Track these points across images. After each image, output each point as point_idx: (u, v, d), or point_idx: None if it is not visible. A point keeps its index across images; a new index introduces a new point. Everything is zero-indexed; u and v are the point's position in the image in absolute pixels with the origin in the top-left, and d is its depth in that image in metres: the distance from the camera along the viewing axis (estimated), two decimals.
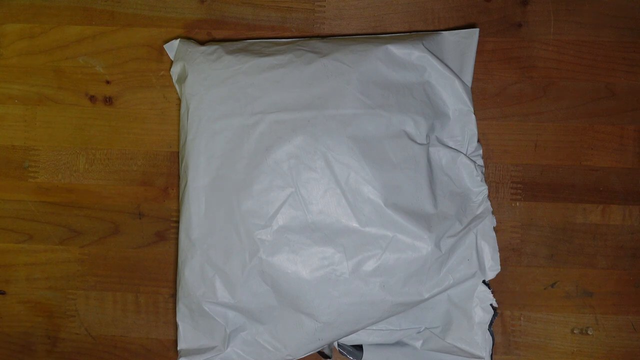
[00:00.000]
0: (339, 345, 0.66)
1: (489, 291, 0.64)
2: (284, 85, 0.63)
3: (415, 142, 0.63)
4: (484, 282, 0.64)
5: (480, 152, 0.67)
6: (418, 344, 0.66)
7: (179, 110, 0.68)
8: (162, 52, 0.71)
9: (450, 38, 0.67)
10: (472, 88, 0.67)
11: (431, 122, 0.64)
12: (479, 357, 0.64)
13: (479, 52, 0.68)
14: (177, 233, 0.69)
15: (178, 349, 0.64)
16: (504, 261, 0.69)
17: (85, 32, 0.71)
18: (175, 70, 0.68)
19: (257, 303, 0.62)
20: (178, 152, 0.71)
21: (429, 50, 0.65)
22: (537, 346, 0.69)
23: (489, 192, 0.67)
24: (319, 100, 0.62)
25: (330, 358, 0.66)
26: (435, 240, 0.61)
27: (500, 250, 0.66)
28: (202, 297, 0.62)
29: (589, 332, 0.69)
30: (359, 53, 0.63)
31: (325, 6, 0.71)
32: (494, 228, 0.64)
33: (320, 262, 0.61)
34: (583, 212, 0.70)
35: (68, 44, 0.71)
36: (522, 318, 0.69)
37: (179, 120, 0.70)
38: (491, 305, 0.64)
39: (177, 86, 0.68)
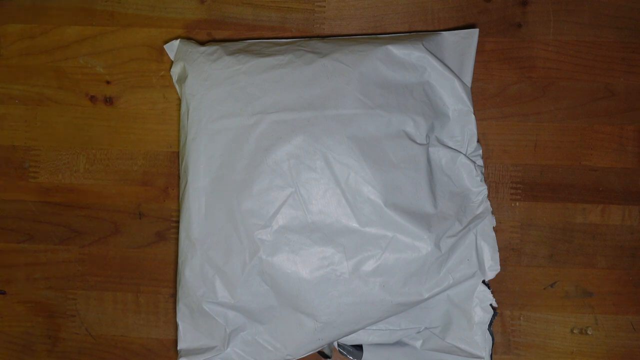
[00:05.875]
0: (339, 345, 0.66)
1: (488, 291, 0.64)
2: (284, 85, 0.63)
3: (415, 142, 0.63)
4: (483, 282, 0.64)
5: (480, 152, 0.67)
6: (418, 344, 0.66)
7: (179, 110, 0.68)
8: (162, 52, 0.71)
9: (450, 38, 0.67)
10: (471, 88, 0.67)
11: (431, 122, 0.64)
12: (479, 357, 0.64)
13: (479, 52, 0.69)
14: (177, 233, 0.69)
15: (178, 348, 0.64)
16: (503, 261, 0.69)
17: (85, 32, 0.71)
18: (175, 71, 0.68)
19: (257, 303, 0.62)
20: (178, 152, 0.71)
21: (428, 51, 0.65)
22: (536, 346, 0.69)
23: (489, 192, 0.67)
24: (319, 100, 0.62)
25: (330, 358, 0.66)
26: (435, 240, 0.61)
27: (500, 250, 0.66)
28: (202, 297, 0.62)
29: (588, 332, 0.69)
30: (359, 53, 0.63)
31: (325, 6, 0.71)
32: (493, 228, 0.64)
33: (320, 262, 0.61)
34: (583, 212, 0.70)
35: (68, 44, 0.71)
36: (521, 318, 0.70)
37: (179, 120, 0.70)
38: (491, 305, 0.64)
39: (177, 86, 0.69)
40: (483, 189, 0.65)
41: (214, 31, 0.71)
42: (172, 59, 0.69)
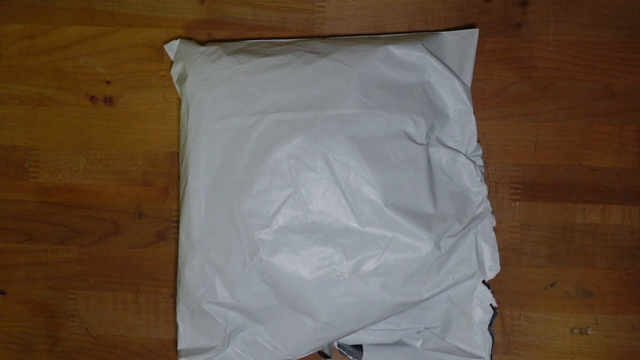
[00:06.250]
0: (339, 345, 0.66)
1: (488, 291, 0.64)
2: (284, 85, 0.63)
3: (415, 142, 0.63)
4: (483, 282, 0.64)
5: (480, 152, 0.67)
6: (418, 344, 0.66)
7: (179, 110, 0.68)
8: (162, 52, 0.71)
9: (450, 38, 0.67)
10: (471, 88, 0.67)
11: (431, 122, 0.64)
12: (479, 357, 0.64)
13: (479, 52, 0.69)
14: (177, 233, 0.69)
15: (178, 348, 0.64)
16: (503, 261, 0.69)
17: (85, 32, 0.71)
18: (175, 71, 0.68)
19: (257, 303, 0.62)
20: (178, 152, 0.71)
21: (428, 51, 0.65)
22: (536, 346, 0.69)
23: (489, 192, 0.67)
24: (319, 100, 0.62)
25: (330, 358, 0.66)
26: (435, 240, 0.61)
27: (500, 250, 0.66)
28: (202, 297, 0.62)
29: (588, 332, 0.69)
30: (359, 53, 0.63)
31: (325, 6, 0.71)
32: (493, 228, 0.64)
33: (320, 262, 0.61)
34: (583, 212, 0.70)
35: (68, 44, 0.71)
36: (521, 318, 0.70)
37: (179, 120, 0.70)
38: (491, 305, 0.64)
39: (177, 86, 0.69)
40: (483, 189, 0.65)
41: (214, 31, 0.71)
42: (172, 59, 0.69)
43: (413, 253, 0.61)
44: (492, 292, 0.64)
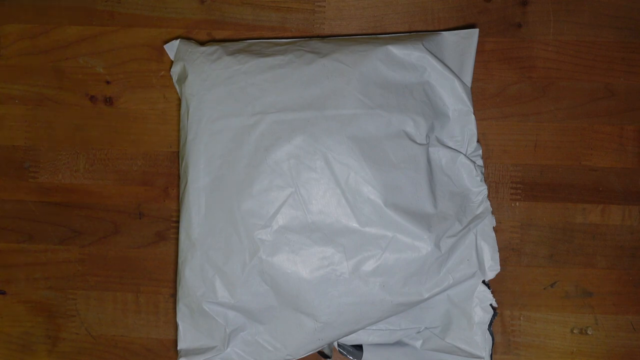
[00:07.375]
0: (339, 345, 0.66)
1: (488, 291, 0.64)
2: (284, 85, 0.63)
3: (415, 142, 0.63)
4: (483, 282, 0.64)
5: (480, 152, 0.67)
6: (418, 344, 0.66)
7: (179, 110, 0.68)
8: (162, 52, 0.71)
9: (450, 38, 0.67)
10: (471, 88, 0.67)
11: (431, 122, 0.64)
12: (479, 357, 0.64)
13: (479, 52, 0.69)
14: (177, 233, 0.69)
15: (178, 348, 0.64)
16: (503, 261, 0.69)
17: (85, 32, 0.71)
18: (175, 71, 0.68)
19: (257, 303, 0.62)
20: (178, 152, 0.71)
21: (428, 51, 0.65)
22: (536, 346, 0.69)
23: (489, 192, 0.67)
24: (318, 100, 0.62)
25: (330, 358, 0.66)
26: (435, 240, 0.61)
27: (500, 250, 0.66)
28: (202, 297, 0.62)
29: (588, 332, 0.69)
30: (359, 53, 0.63)
31: (325, 6, 0.71)
32: (493, 228, 0.64)
33: (320, 262, 0.61)
34: (582, 212, 0.70)
35: (68, 44, 0.71)
36: (521, 318, 0.70)
37: (179, 120, 0.70)
38: (491, 305, 0.64)
39: (177, 86, 0.69)
40: (483, 189, 0.65)
41: (214, 31, 0.71)
42: (172, 59, 0.69)
43: (413, 253, 0.61)
44: (492, 292, 0.64)
